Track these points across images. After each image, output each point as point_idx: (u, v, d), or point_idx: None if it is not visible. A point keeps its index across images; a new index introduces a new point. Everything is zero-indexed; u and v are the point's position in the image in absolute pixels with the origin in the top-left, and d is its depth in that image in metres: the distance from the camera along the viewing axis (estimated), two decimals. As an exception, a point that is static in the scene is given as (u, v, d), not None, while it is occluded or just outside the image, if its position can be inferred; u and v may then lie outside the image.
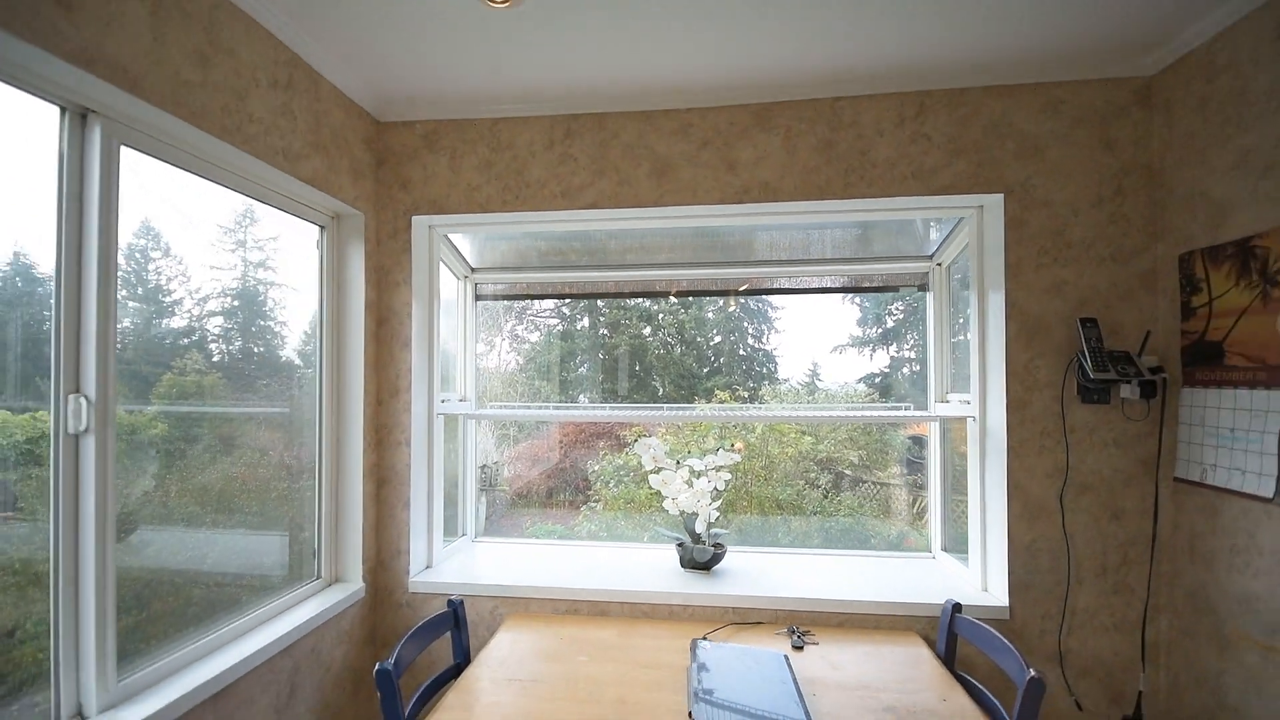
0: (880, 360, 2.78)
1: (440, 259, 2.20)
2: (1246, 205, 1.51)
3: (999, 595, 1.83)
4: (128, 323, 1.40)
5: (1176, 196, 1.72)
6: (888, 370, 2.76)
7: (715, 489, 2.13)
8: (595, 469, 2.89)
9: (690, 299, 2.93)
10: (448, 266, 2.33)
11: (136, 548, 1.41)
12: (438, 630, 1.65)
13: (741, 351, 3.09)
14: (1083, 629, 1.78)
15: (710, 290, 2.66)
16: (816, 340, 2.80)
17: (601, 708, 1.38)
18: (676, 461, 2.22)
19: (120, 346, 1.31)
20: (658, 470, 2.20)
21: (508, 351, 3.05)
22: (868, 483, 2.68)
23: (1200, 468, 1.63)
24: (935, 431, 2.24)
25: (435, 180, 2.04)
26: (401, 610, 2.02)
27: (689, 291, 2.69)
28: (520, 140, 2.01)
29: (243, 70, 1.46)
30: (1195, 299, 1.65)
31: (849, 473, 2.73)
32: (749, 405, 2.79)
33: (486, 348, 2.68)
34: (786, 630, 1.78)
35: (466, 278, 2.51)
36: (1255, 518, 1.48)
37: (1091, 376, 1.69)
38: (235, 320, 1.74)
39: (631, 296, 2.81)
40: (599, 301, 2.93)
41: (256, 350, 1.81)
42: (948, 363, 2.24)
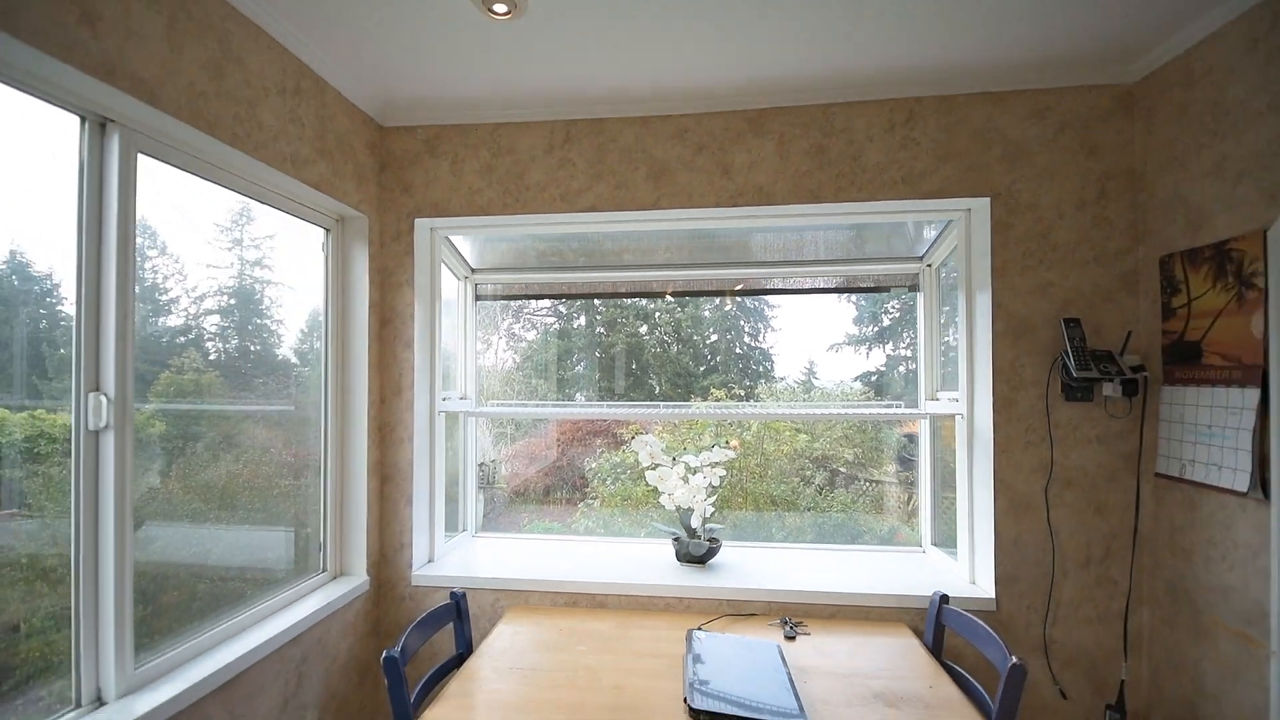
0: (876, 359, 2.78)
1: (441, 260, 2.25)
2: (1223, 210, 1.57)
3: (986, 588, 1.89)
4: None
5: (1157, 201, 1.77)
6: (884, 368, 2.77)
7: (710, 485, 2.18)
8: (593, 466, 2.93)
9: (687, 298, 2.97)
10: (448, 267, 2.38)
11: (143, 543, 1.43)
12: (441, 621, 1.70)
13: (738, 350, 3.10)
14: (1067, 620, 1.84)
15: (706, 290, 2.71)
16: (813, 339, 2.81)
17: (600, 695, 1.43)
18: (673, 458, 2.28)
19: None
20: (654, 467, 2.25)
21: (504, 350, 3.06)
22: (861, 480, 2.72)
23: (1180, 463, 1.68)
24: (925, 429, 2.29)
25: (437, 184, 2.09)
26: (404, 603, 2.08)
27: (685, 292, 2.73)
28: (520, 145, 2.06)
29: (253, 79, 1.51)
30: (1175, 300, 1.71)
31: (843, 470, 2.77)
32: (744, 403, 2.83)
33: (484, 346, 2.70)
34: (779, 621, 1.84)
35: (467, 278, 2.56)
36: (1231, 512, 1.54)
37: (1075, 375, 1.75)
38: (232, 319, 1.74)
39: (628, 297, 2.85)
40: (596, 300, 2.96)
41: (253, 349, 1.82)
42: (938, 361, 2.29)
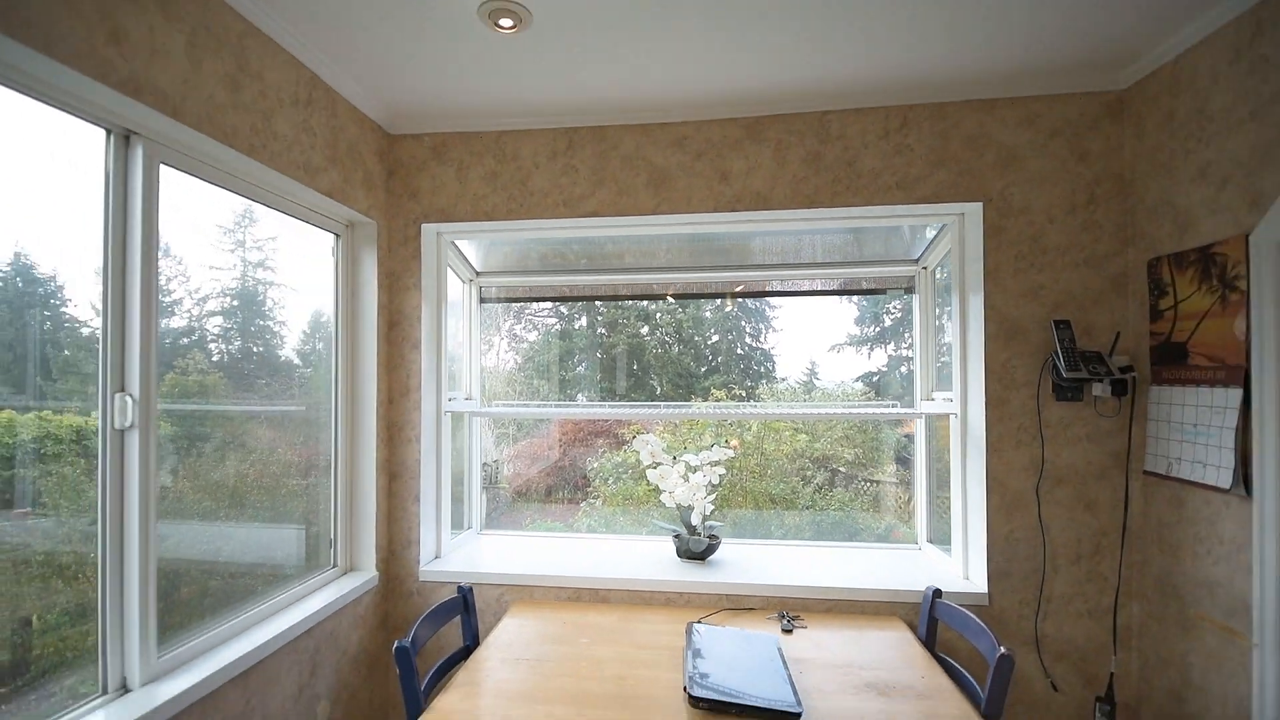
0: (878, 359, 2.80)
1: (447, 264, 2.31)
2: (1207, 215, 1.61)
3: (979, 583, 1.93)
4: None
5: (1145, 205, 1.82)
6: (885, 369, 2.79)
7: (710, 483, 2.23)
8: (594, 466, 2.97)
9: (688, 299, 2.99)
10: (454, 271, 2.43)
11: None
12: (449, 614, 1.76)
13: (739, 350, 3.12)
14: (1058, 614, 1.88)
15: (706, 293, 2.76)
16: (814, 339, 2.81)
17: (603, 685, 1.49)
18: (673, 457, 2.33)
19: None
20: (655, 466, 2.30)
21: (506, 351, 3.09)
22: (859, 480, 2.76)
23: (1167, 461, 1.73)
24: (921, 428, 2.34)
25: (443, 190, 2.15)
26: (412, 598, 2.13)
27: (685, 294, 2.78)
28: (524, 152, 2.12)
29: (269, 91, 1.56)
30: (1162, 302, 1.75)
31: (843, 470, 2.80)
32: (743, 403, 2.88)
33: (485, 347, 2.75)
34: (777, 615, 1.89)
35: (471, 281, 2.61)
36: (1216, 508, 1.58)
37: (1065, 375, 1.79)
38: (235, 320, 1.75)
39: (630, 299, 2.90)
40: (597, 302, 3.01)
41: (256, 349, 1.83)
42: (934, 362, 2.34)
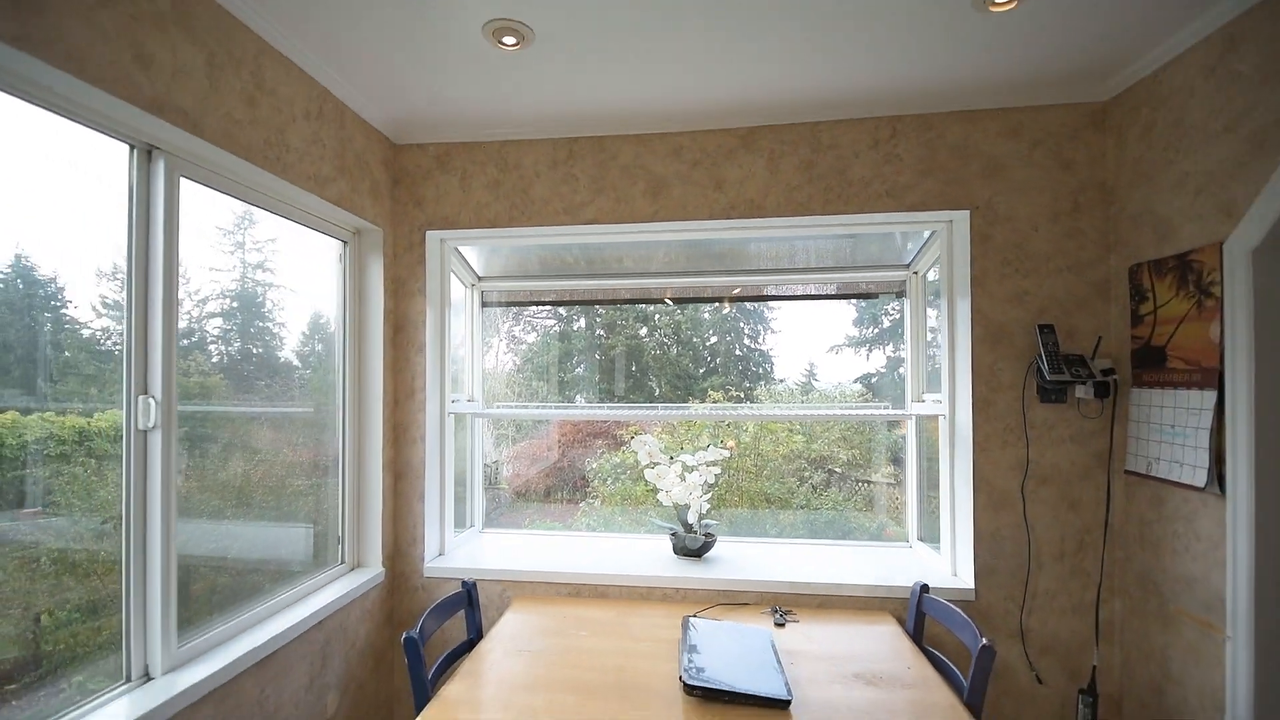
0: (877, 360, 2.84)
1: (450, 269, 2.38)
2: (1185, 223, 1.67)
3: (966, 579, 1.99)
4: None
5: (1127, 213, 1.88)
6: (884, 370, 2.82)
7: (706, 482, 2.30)
8: (593, 467, 3.03)
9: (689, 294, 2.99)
10: (456, 276, 2.50)
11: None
12: (454, 608, 1.82)
13: (738, 352, 3.15)
14: (1043, 610, 1.94)
15: (702, 297, 2.82)
16: (813, 341, 2.83)
17: (603, 675, 1.55)
18: (670, 457, 2.39)
19: (121, 348, 1.35)
20: (653, 465, 2.37)
21: (505, 352, 3.13)
22: (852, 480, 2.81)
23: (1147, 461, 1.79)
24: (912, 429, 2.40)
25: (447, 198, 2.22)
26: (417, 593, 2.20)
27: (682, 298, 2.84)
28: (526, 161, 2.19)
29: (282, 107, 1.63)
30: (1143, 307, 1.81)
31: (838, 470, 2.86)
32: (739, 405, 2.94)
33: (484, 348, 2.81)
34: (770, 610, 1.95)
35: (473, 285, 2.68)
36: (1193, 506, 1.64)
37: (1049, 378, 1.85)
38: (235, 321, 1.77)
39: (629, 303, 2.96)
40: (597, 305, 3.05)
41: (256, 351, 1.86)
42: (924, 364, 2.40)
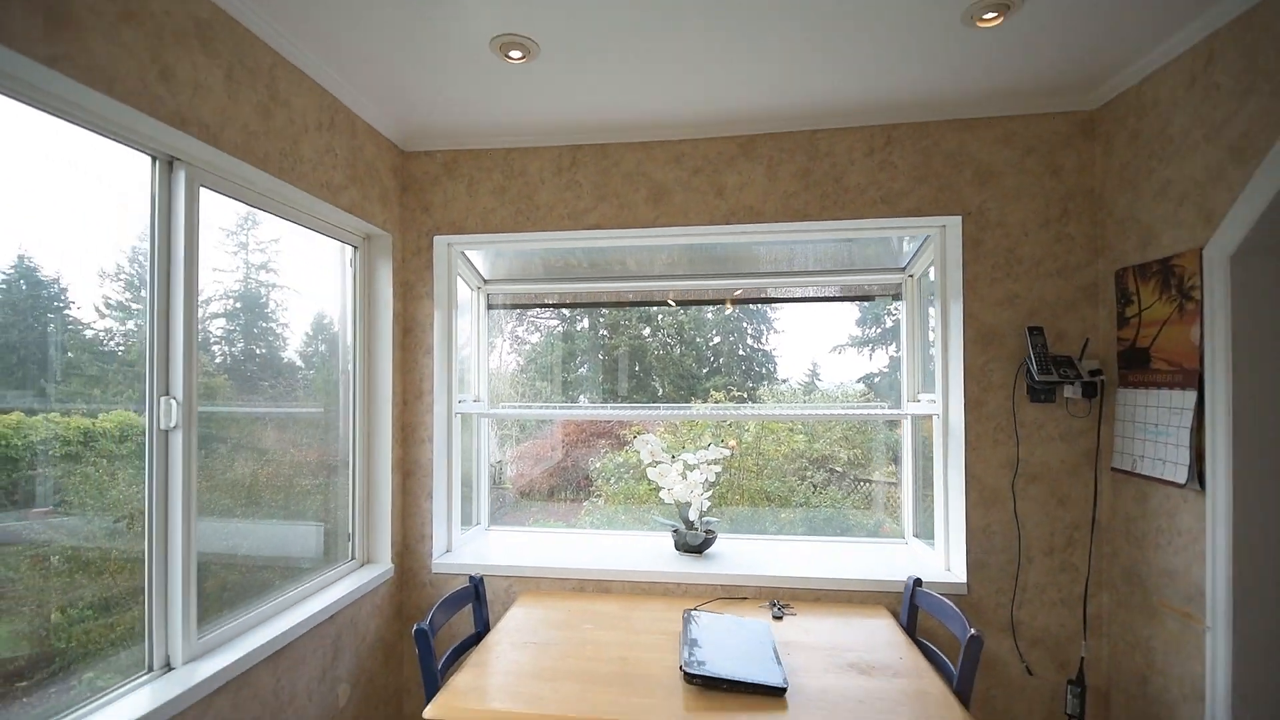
0: (879, 360, 2.86)
1: (457, 273, 2.43)
2: (1168, 229, 1.73)
3: (959, 574, 2.05)
4: (132, 325, 1.41)
5: (1114, 219, 1.94)
6: (886, 370, 2.85)
7: (707, 481, 2.36)
8: (597, 466, 3.08)
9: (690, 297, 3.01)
10: (463, 279, 2.56)
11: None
12: (462, 602, 1.88)
13: (741, 352, 3.18)
14: (1032, 603, 2.00)
15: (704, 299, 2.87)
16: (816, 341, 2.85)
17: (606, 665, 1.61)
18: (671, 456, 2.45)
19: (124, 349, 1.38)
20: (655, 464, 2.42)
21: (508, 353, 3.17)
22: (850, 478, 2.87)
23: (1132, 459, 1.85)
24: (907, 428, 2.46)
25: (454, 204, 2.28)
26: (425, 589, 2.26)
27: (684, 301, 2.90)
28: (531, 168, 2.24)
29: (296, 117, 1.69)
30: (1128, 310, 1.87)
31: (839, 469, 2.90)
32: (741, 405, 2.99)
33: (489, 349, 2.83)
34: (769, 604, 2.01)
35: (479, 288, 2.74)
36: (1175, 502, 1.70)
37: (1037, 379, 1.91)
38: (238, 322, 1.78)
39: (632, 305, 3.01)
40: (600, 307, 3.09)
41: (260, 351, 1.87)
42: (919, 365, 2.46)
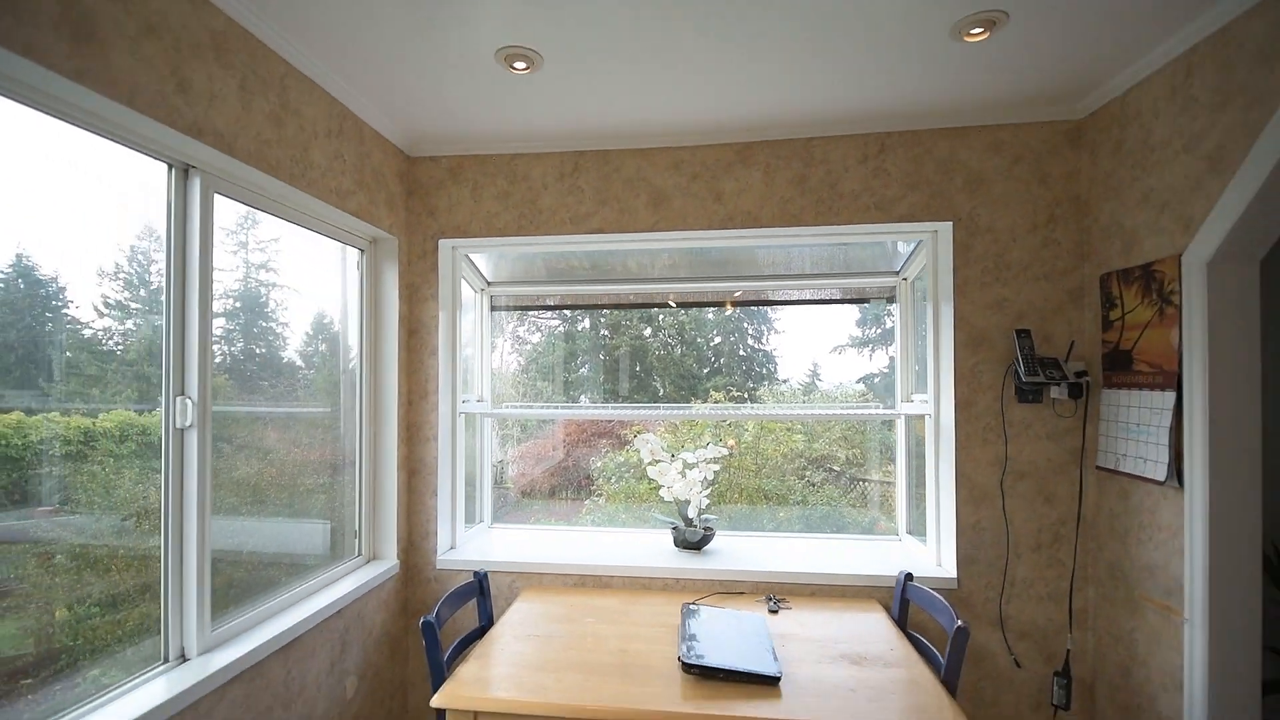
0: (879, 360, 2.91)
1: (461, 275, 2.48)
2: (1149, 235, 1.80)
3: (949, 569, 2.12)
4: (131, 324, 1.42)
5: (1099, 225, 2.00)
6: (886, 370, 2.89)
7: (705, 479, 2.41)
8: (598, 465, 3.12)
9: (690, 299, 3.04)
10: (467, 281, 2.61)
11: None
12: (466, 597, 1.94)
13: (741, 352, 3.21)
14: (1020, 597, 2.06)
15: (703, 302, 2.93)
16: (817, 341, 2.88)
17: (607, 656, 1.67)
18: (671, 455, 2.51)
19: (123, 349, 1.39)
20: (655, 463, 2.48)
21: (509, 353, 3.21)
22: (845, 477, 2.92)
23: (1115, 457, 1.91)
24: (901, 428, 2.52)
25: (459, 208, 2.33)
26: (430, 584, 2.31)
27: (684, 303, 2.95)
28: (534, 173, 2.29)
29: (306, 125, 1.74)
30: (1112, 313, 1.94)
31: (837, 469, 2.95)
32: (740, 405, 3.04)
33: (490, 349, 2.86)
34: (765, 598, 2.07)
35: (482, 290, 2.79)
36: (1155, 499, 1.77)
37: (1024, 380, 1.98)
38: (238, 321, 1.78)
39: (633, 307, 3.05)
40: (602, 309, 3.12)
41: (258, 351, 1.87)
42: (913, 366, 2.52)
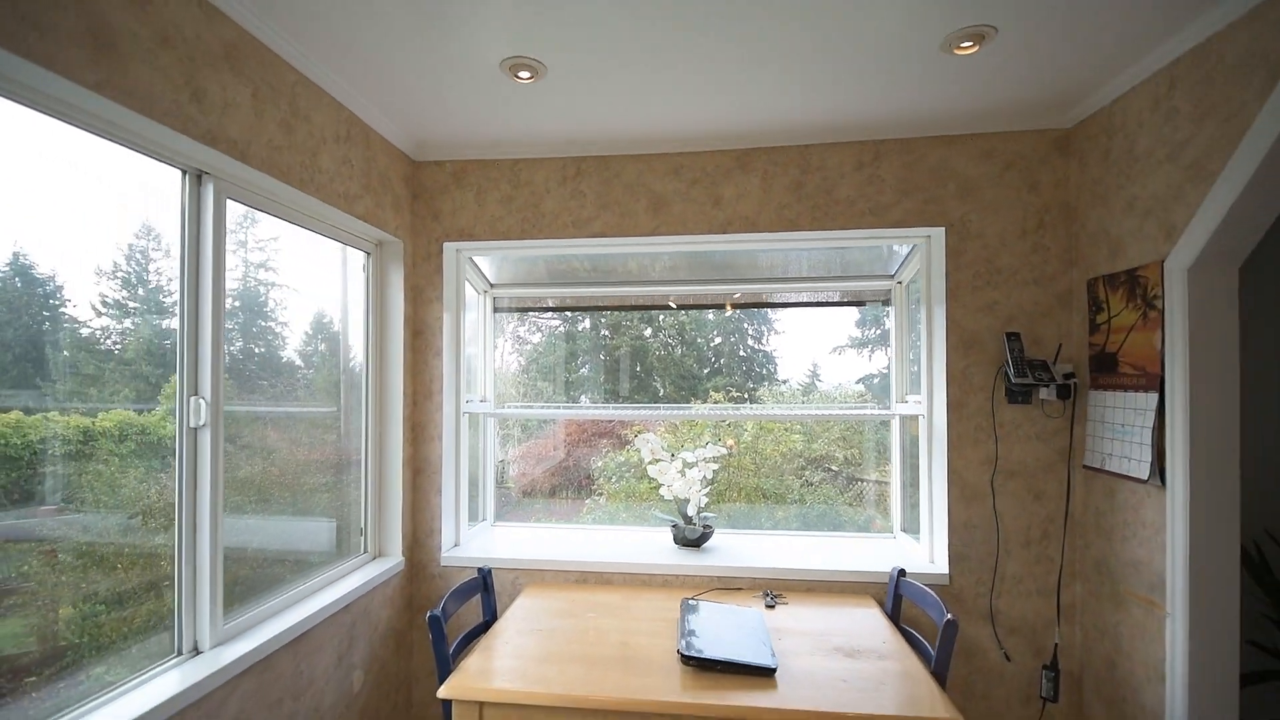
0: (879, 361, 2.93)
1: (465, 278, 2.53)
2: (1134, 242, 1.85)
3: (941, 565, 2.17)
4: (130, 323, 1.42)
5: (1087, 231, 2.06)
6: (885, 371, 2.94)
7: (705, 477, 2.46)
8: (599, 465, 3.16)
9: (689, 300, 3.07)
10: (470, 283, 2.65)
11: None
12: (471, 593, 1.98)
13: (741, 352, 3.24)
14: (1010, 593, 2.12)
15: (703, 303, 2.97)
16: (817, 342, 2.92)
17: (608, 649, 1.71)
18: (671, 454, 2.56)
19: (121, 348, 1.39)
20: (655, 461, 2.53)
21: (510, 353, 3.25)
22: (844, 477, 2.96)
23: (1101, 456, 1.97)
24: (895, 428, 2.57)
25: (463, 212, 2.37)
26: (434, 581, 2.35)
27: (683, 305, 3.00)
28: (537, 178, 2.34)
29: (315, 132, 1.78)
30: (1099, 317, 1.99)
31: (834, 469, 3.00)
32: (740, 405, 3.09)
33: (492, 349, 2.89)
34: (762, 594, 2.12)
35: (486, 292, 2.83)
36: (1139, 497, 1.83)
37: (1014, 381, 2.03)
38: (237, 320, 1.75)
39: (633, 309, 3.09)
40: (603, 310, 3.14)
41: (257, 350, 1.86)
42: (908, 368, 2.57)
